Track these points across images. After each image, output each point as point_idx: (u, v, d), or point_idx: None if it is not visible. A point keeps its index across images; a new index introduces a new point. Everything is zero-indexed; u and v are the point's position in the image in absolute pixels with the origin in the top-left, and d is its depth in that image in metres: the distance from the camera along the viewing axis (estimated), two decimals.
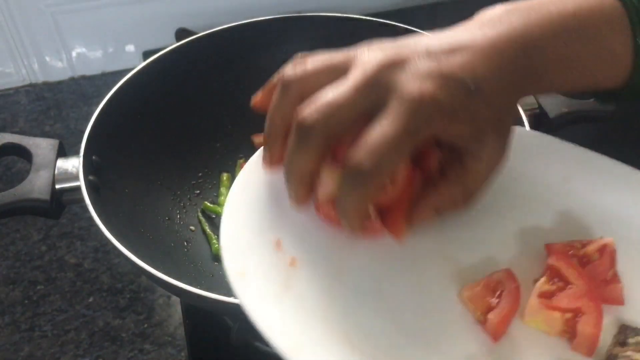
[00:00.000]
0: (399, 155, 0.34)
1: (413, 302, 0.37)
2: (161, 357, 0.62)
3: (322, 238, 0.39)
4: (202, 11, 0.97)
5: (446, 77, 0.34)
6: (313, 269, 0.38)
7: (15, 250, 0.73)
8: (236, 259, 0.37)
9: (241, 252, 0.37)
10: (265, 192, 0.41)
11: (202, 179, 0.70)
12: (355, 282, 0.38)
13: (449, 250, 0.40)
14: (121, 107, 0.61)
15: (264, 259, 0.37)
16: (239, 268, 0.37)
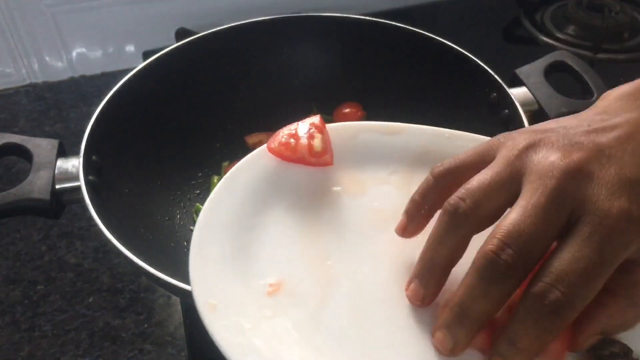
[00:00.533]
0: (594, 289, 0.29)
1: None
2: (161, 357, 0.62)
3: (306, 263, 0.37)
4: (202, 11, 0.97)
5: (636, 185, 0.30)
6: (291, 299, 0.35)
7: (15, 250, 0.73)
8: (206, 288, 0.35)
9: (212, 281, 0.35)
10: (239, 213, 0.39)
11: (202, 179, 0.70)
12: (336, 321, 0.35)
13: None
14: (121, 107, 0.61)
15: (238, 289, 0.35)
16: (210, 299, 0.35)
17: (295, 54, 0.75)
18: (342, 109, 0.75)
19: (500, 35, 1.01)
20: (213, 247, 0.37)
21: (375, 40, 0.72)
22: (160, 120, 0.67)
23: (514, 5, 1.03)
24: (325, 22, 0.73)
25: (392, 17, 0.71)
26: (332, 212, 0.41)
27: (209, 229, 0.38)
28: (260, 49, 0.74)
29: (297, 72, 0.75)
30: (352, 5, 0.98)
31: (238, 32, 0.71)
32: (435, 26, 1.05)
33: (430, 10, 1.08)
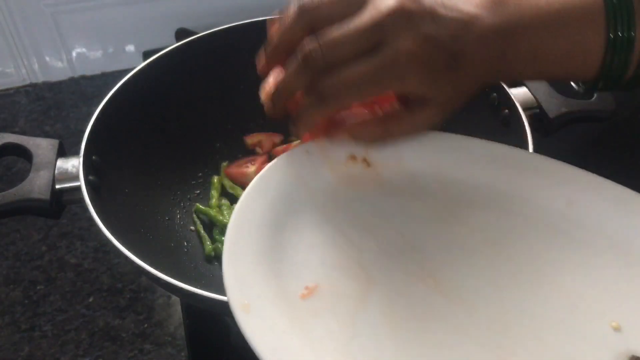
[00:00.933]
0: (363, 92, 0.39)
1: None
2: (161, 357, 0.62)
3: (341, 266, 0.38)
4: (202, 11, 0.97)
5: (436, 42, 0.38)
6: (326, 300, 0.36)
7: (15, 250, 0.73)
8: (240, 289, 0.35)
9: (246, 281, 0.35)
10: (272, 213, 0.39)
11: (202, 179, 0.70)
12: (372, 326, 0.35)
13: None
14: (121, 107, 0.61)
15: (271, 290, 0.35)
16: (244, 300, 0.35)
17: None
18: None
19: None
20: (246, 247, 0.37)
21: None
22: (160, 120, 0.67)
23: None
24: None
25: None
26: (367, 213, 0.41)
27: (242, 229, 0.38)
28: (260, 49, 0.73)
29: None
30: None
31: (238, 32, 0.71)
32: None
33: None
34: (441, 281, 0.38)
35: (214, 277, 0.61)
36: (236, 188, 0.69)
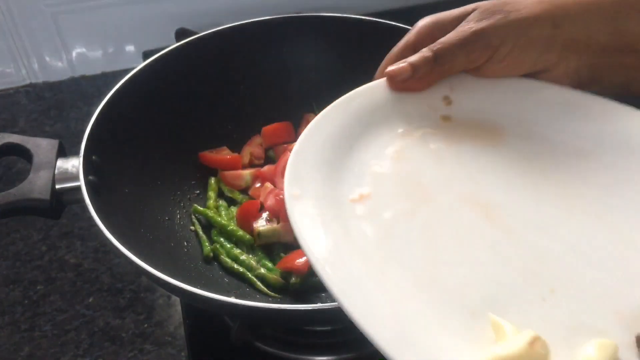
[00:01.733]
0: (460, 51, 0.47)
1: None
2: (161, 357, 0.62)
3: (397, 181, 0.42)
4: (202, 11, 0.97)
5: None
6: (373, 208, 0.40)
7: (15, 250, 0.73)
8: (294, 181, 0.39)
9: (302, 178, 0.39)
10: (344, 133, 0.44)
11: (202, 179, 0.70)
12: (413, 231, 0.39)
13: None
14: (121, 107, 0.61)
15: (324, 190, 0.39)
16: (295, 190, 0.39)
17: (295, 54, 0.75)
18: None
19: None
20: (311, 154, 0.41)
21: (375, 40, 0.72)
22: (160, 120, 0.67)
23: None
24: (325, 22, 0.73)
25: (392, 17, 0.71)
26: (434, 142, 0.46)
27: (312, 137, 0.43)
28: (260, 49, 0.74)
29: (297, 72, 0.75)
30: (352, 5, 0.98)
31: (238, 32, 0.71)
32: None
33: (430, 11, 1.07)
34: (491, 209, 0.41)
35: (214, 277, 0.61)
36: (235, 192, 0.69)
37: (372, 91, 0.48)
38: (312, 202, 0.38)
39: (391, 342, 0.31)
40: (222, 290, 0.59)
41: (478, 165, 0.44)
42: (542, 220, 0.41)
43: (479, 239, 0.39)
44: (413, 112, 0.47)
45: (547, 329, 0.34)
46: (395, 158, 0.44)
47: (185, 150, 0.70)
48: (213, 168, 0.71)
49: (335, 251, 0.36)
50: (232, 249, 0.63)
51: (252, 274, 0.61)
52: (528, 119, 0.47)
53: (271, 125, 0.74)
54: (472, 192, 0.42)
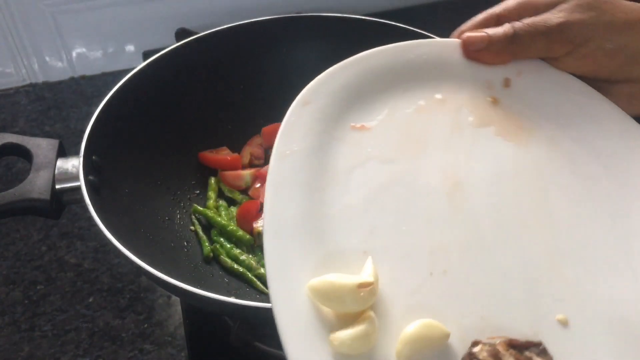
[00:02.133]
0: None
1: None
2: (161, 357, 0.62)
3: (400, 131, 0.43)
4: (202, 11, 0.97)
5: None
6: (367, 142, 0.42)
7: (15, 250, 0.73)
8: (309, 92, 0.44)
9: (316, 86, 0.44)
10: (358, 89, 0.45)
11: (202, 179, 0.70)
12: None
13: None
14: (121, 107, 0.61)
15: (333, 110, 0.43)
16: (307, 97, 0.44)
17: (295, 54, 0.75)
18: None
19: None
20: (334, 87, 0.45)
21: (376, 40, 0.72)
22: (160, 120, 0.67)
23: None
24: (325, 22, 0.73)
25: (392, 17, 0.71)
26: (463, 116, 0.45)
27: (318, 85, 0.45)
28: (260, 49, 0.74)
29: (297, 72, 0.75)
30: (352, 5, 0.98)
31: (238, 32, 0.71)
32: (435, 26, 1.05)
33: (430, 10, 1.08)
34: (459, 189, 0.41)
35: (214, 277, 0.61)
36: (234, 192, 0.69)
37: (439, 46, 0.48)
38: (320, 105, 0.43)
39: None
40: (222, 290, 0.59)
41: (484, 154, 0.43)
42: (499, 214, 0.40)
43: (429, 205, 0.40)
44: (466, 82, 0.46)
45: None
46: (416, 111, 0.44)
47: (185, 150, 0.70)
48: (213, 168, 0.71)
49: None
50: (232, 249, 0.63)
51: (252, 274, 0.61)
52: (572, 134, 0.45)
53: (271, 126, 0.73)
54: (455, 169, 0.42)
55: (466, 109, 0.45)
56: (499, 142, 0.44)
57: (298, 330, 0.33)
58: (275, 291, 0.34)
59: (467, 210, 0.40)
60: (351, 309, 0.34)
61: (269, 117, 0.74)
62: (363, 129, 0.43)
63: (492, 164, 0.43)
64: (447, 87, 0.46)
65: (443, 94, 0.46)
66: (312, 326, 0.34)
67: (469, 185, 0.41)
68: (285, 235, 0.37)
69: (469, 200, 0.40)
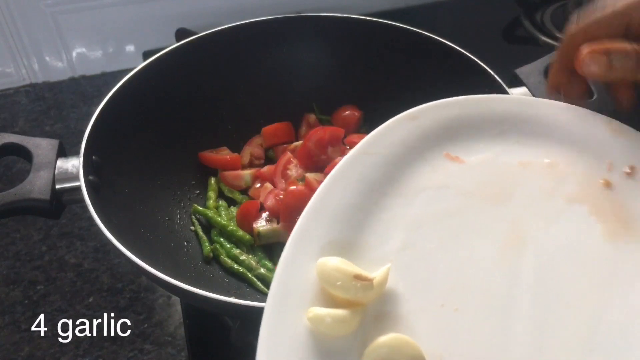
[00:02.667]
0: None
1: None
2: (161, 357, 0.62)
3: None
4: (202, 11, 0.97)
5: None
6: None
7: (15, 250, 0.73)
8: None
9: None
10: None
11: (202, 179, 0.70)
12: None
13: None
14: (121, 107, 0.61)
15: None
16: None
17: (295, 54, 0.75)
18: (341, 112, 0.75)
19: (500, 35, 1.01)
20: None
21: (375, 40, 0.72)
22: (160, 120, 0.67)
23: (514, 5, 1.03)
24: (325, 22, 0.73)
25: (392, 17, 0.71)
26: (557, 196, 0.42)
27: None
28: (260, 49, 0.74)
29: (297, 72, 0.75)
30: (352, 5, 0.98)
31: (238, 32, 0.71)
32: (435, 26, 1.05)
33: (430, 10, 1.08)
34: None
35: (214, 277, 0.61)
36: (234, 192, 0.69)
37: (569, 113, 0.45)
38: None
39: None
40: (222, 290, 0.59)
41: (566, 229, 0.40)
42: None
43: (478, 246, 0.39)
44: (585, 155, 0.43)
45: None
46: (519, 165, 0.42)
47: (185, 150, 0.70)
48: (213, 168, 0.71)
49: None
50: (232, 249, 0.63)
51: (252, 274, 0.61)
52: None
53: (271, 126, 0.74)
54: (525, 228, 0.39)
55: (572, 181, 0.42)
56: (589, 223, 0.40)
57: (286, 295, 0.34)
58: (291, 254, 0.35)
59: (513, 270, 0.38)
60: (341, 294, 0.34)
61: (269, 117, 0.74)
62: (456, 160, 0.42)
63: (568, 241, 0.39)
64: (562, 153, 0.44)
65: (554, 158, 0.43)
66: (303, 298, 0.34)
67: (531, 249, 0.39)
68: (327, 212, 0.37)
69: (522, 262, 0.38)
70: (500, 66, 0.64)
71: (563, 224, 0.40)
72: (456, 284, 0.37)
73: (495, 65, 0.63)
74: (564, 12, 0.99)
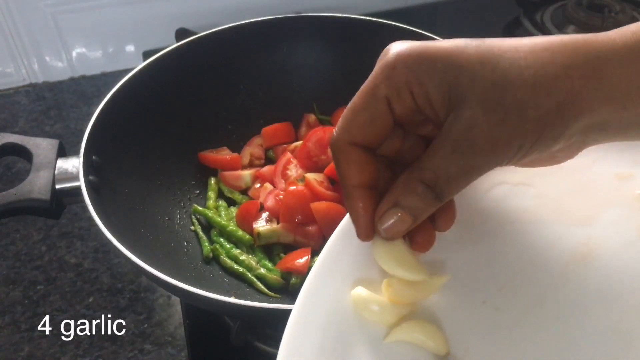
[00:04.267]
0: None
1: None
2: (161, 357, 0.62)
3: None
4: (202, 11, 0.97)
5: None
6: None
7: (15, 250, 0.73)
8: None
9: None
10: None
11: (202, 179, 0.70)
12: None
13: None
14: (121, 107, 0.61)
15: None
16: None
17: (295, 54, 0.75)
18: (341, 112, 0.75)
19: (500, 35, 1.01)
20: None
21: (375, 40, 0.72)
22: (160, 120, 0.67)
23: (514, 5, 1.03)
24: (325, 22, 0.73)
25: (392, 17, 0.71)
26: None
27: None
28: (260, 49, 0.74)
29: (297, 72, 0.75)
30: (352, 5, 0.98)
31: (238, 32, 0.71)
32: (435, 26, 1.05)
33: (430, 10, 1.08)
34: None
35: (214, 277, 0.61)
36: (234, 193, 0.69)
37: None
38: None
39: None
40: (222, 290, 0.59)
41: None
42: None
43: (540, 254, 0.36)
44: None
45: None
46: (615, 178, 0.38)
47: (185, 150, 0.70)
48: (213, 168, 0.71)
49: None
50: (232, 249, 0.63)
51: (251, 274, 0.61)
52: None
53: (271, 126, 0.74)
54: (601, 248, 0.36)
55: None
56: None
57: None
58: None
59: (571, 286, 0.35)
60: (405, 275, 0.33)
61: (269, 117, 0.74)
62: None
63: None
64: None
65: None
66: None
67: (596, 270, 0.35)
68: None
69: (582, 281, 0.35)
70: None
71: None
72: (506, 284, 0.35)
73: None
74: (564, 12, 0.99)
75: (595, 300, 0.35)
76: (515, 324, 0.35)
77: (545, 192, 0.37)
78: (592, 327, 0.34)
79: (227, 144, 0.72)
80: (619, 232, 0.37)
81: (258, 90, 0.75)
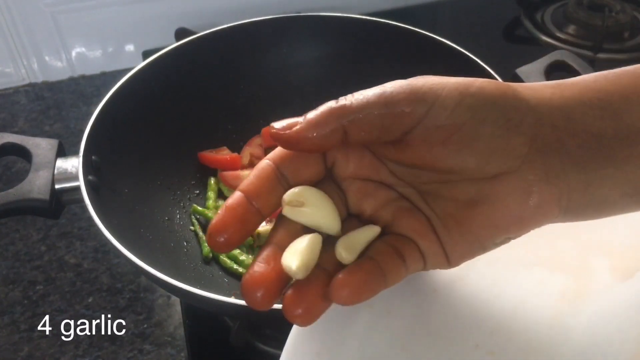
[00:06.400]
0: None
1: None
2: (161, 357, 0.62)
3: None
4: (202, 11, 0.96)
5: None
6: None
7: (15, 250, 0.73)
8: None
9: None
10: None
11: (202, 179, 0.70)
12: None
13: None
14: (121, 107, 0.61)
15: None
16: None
17: (295, 53, 0.75)
18: None
19: (500, 35, 1.01)
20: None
21: (375, 40, 0.72)
22: (160, 120, 0.67)
23: (514, 5, 1.03)
24: (325, 22, 0.73)
25: (392, 17, 0.71)
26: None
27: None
28: (259, 49, 0.74)
29: (297, 72, 0.75)
30: (352, 5, 0.98)
31: (238, 32, 0.71)
32: (435, 26, 1.05)
33: (430, 10, 1.08)
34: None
35: (214, 278, 0.61)
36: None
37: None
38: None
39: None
40: (222, 290, 0.59)
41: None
42: None
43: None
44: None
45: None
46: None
47: (185, 150, 0.70)
48: (213, 168, 0.71)
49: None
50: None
51: None
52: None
53: None
54: (589, 286, 0.35)
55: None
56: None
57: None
58: None
59: (564, 328, 0.34)
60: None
61: (269, 117, 0.74)
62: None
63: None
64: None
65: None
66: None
67: (590, 309, 0.34)
68: None
69: (577, 321, 0.34)
70: (500, 66, 0.64)
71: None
72: (498, 327, 0.34)
73: (495, 65, 0.63)
74: (565, 11, 0.99)
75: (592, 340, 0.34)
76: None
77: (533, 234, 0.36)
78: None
79: (227, 144, 0.72)
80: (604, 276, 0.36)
81: (258, 90, 0.74)
